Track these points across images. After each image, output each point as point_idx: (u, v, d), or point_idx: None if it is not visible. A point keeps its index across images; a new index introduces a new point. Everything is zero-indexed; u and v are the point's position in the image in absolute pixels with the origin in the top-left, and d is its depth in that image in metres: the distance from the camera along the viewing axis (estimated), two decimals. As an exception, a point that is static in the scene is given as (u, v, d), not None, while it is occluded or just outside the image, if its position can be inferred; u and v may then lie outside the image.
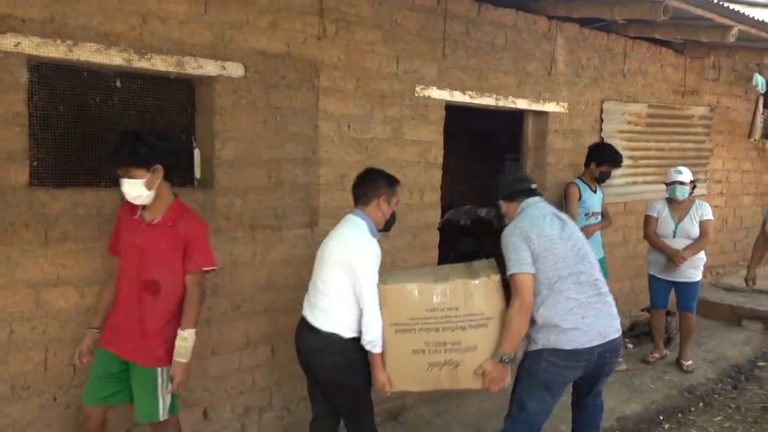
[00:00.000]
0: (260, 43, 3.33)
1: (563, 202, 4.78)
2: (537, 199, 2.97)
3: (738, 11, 4.25)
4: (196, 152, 3.33)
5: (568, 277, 2.71)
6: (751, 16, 4.40)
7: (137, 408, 2.69)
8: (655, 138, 5.81)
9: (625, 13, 4.25)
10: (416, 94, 4.03)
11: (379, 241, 2.84)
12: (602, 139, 5.30)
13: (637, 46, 5.50)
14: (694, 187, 4.74)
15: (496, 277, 2.76)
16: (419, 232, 4.20)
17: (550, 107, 4.87)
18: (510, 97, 4.58)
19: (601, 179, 4.84)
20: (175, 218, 2.65)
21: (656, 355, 5.04)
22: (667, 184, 4.74)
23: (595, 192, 4.86)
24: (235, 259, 3.36)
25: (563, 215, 2.94)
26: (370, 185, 2.91)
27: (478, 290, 2.73)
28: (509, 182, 3.08)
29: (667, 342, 5.28)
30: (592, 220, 4.88)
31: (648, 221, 4.86)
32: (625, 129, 5.51)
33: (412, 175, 4.09)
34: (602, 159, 4.86)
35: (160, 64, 2.99)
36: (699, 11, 4.16)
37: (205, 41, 3.14)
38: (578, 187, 4.77)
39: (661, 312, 5.05)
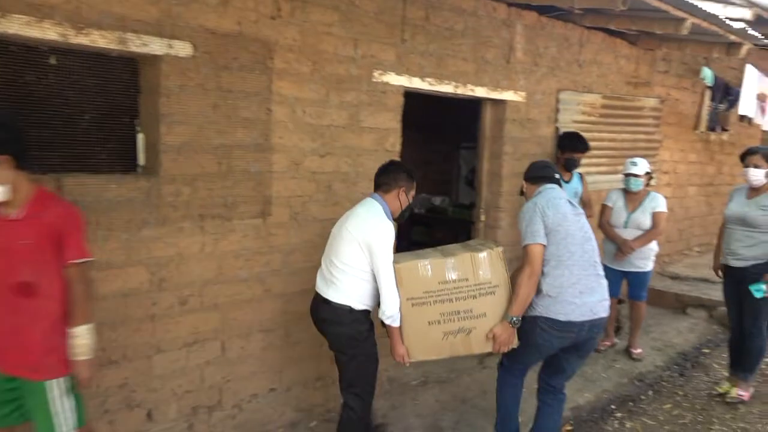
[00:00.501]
0: (210, 21, 3.13)
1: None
2: (555, 186, 3.21)
3: (692, 4, 4.28)
4: (140, 137, 3.12)
5: (574, 253, 2.97)
6: (703, 9, 4.44)
7: (35, 428, 2.41)
8: (608, 129, 5.85)
9: (585, 2, 4.22)
10: (374, 80, 3.90)
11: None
12: (557, 129, 5.31)
13: (592, 36, 5.51)
14: (651, 178, 4.80)
15: (500, 249, 3.03)
16: (376, 221, 4.08)
17: (508, 96, 4.82)
18: (469, 84, 4.50)
19: (567, 167, 4.86)
20: (39, 209, 2.31)
21: (607, 343, 5.12)
22: (623, 175, 4.78)
23: (567, 182, 4.87)
24: (182, 251, 3.17)
25: (575, 203, 3.23)
26: (393, 176, 3.10)
27: (485, 261, 2.99)
28: (537, 167, 3.34)
29: (617, 330, 5.37)
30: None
31: (603, 211, 4.90)
32: (579, 119, 5.53)
33: (370, 163, 3.96)
34: (564, 147, 4.93)
35: (99, 40, 2.76)
36: (655, 3, 4.17)
37: (150, 17, 2.92)
38: None
39: (612, 301, 5.11)
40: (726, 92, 6.75)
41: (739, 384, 4.18)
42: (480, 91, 4.60)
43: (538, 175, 3.27)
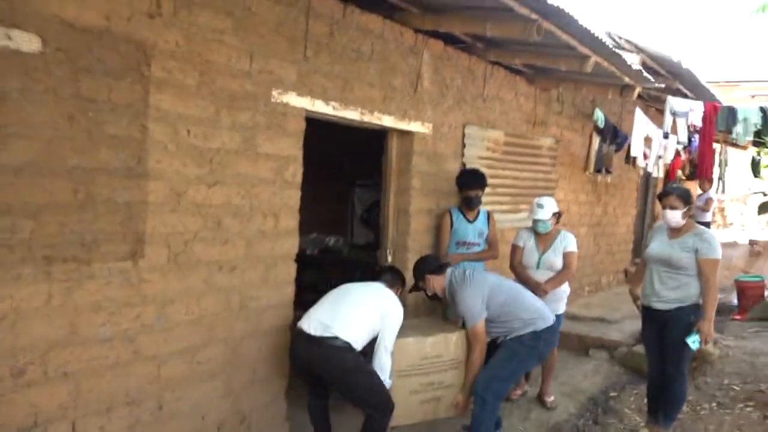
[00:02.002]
0: (68, 12, 2.47)
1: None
2: (456, 269, 3.91)
3: (599, 39, 4.22)
4: (-38, 153, 2.35)
5: (512, 287, 3.89)
6: (609, 46, 4.41)
7: None
8: (511, 167, 5.72)
9: (497, 30, 4.01)
10: (273, 99, 3.37)
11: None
12: (464, 164, 5.05)
13: (495, 71, 5.38)
14: (560, 216, 4.62)
15: (463, 331, 3.77)
16: (273, 264, 3.50)
17: (415, 127, 4.48)
18: (376, 112, 4.10)
19: (468, 205, 4.59)
20: None
21: (518, 392, 4.81)
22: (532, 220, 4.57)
23: (471, 221, 4.58)
24: (18, 305, 2.40)
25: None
26: (393, 277, 3.80)
27: (456, 341, 3.76)
28: (433, 258, 4.08)
29: (527, 376, 5.10)
30: (462, 250, 4.60)
31: (514, 251, 4.64)
32: (485, 155, 5.33)
33: (266, 195, 3.41)
34: (461, 185, 4.70)
35: None
36: (565, 37, 4.05)
37: (-21, -5, 2.22)
38: (450, 215, 4.48)
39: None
40: (615, 134, 6.94)
41: (660, 432, 4.00)
42: (387, 120, 4.22)
43: (440, 264, 3.88)
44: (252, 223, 3.35)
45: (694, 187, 10.43)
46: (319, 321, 3.28)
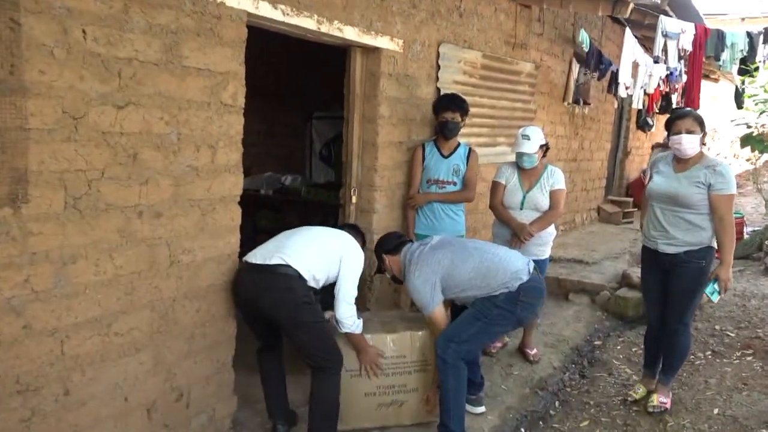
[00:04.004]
0: None
1: None
2: (413, 245, 3.26)
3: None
4: None
5: (478, 248, 3.16)
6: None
7: None
8: (489, 94, 5.07)
9: None
10: (203, -4, 2.60)
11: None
12: (439, 90, 4.38)
13: (473, -19, 4.64)
14: (547, 149, 4.03)
15: None
16: (211, 208, 2.82)
17: (383, 43, 3.76)
18: (335, 21, 3.35)
19: (443, 133, 3.98)
20: None
21: (498, 344, 4.34)
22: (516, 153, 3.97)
23: (446, 157, 3.97)
24: None
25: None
26: (354, 235, 3.16)
27: (422, 340, 3.16)
28: (393, 236, 3.38)
29: (506, 328, 4.64)
30: (434, 189, 3.99)
31: (495, 189, 4.04)
32: (460, 80, 4.65)
33: (198, 121, 2.68)
34: (436, 107, 4.07)
35: None
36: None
37: None
38: (423, 149, 3.88)
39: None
40: (599, 60, 6.32)
41: (659, 389, 3.58)
42: (350, 32, 3.48)
43: (397, 242, 3.27)
44: (180, 156, 2.63)
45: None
46: (265, 251, 2.89)
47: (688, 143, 3.24)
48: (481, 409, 3.41)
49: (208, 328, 2.89)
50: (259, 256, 2.85)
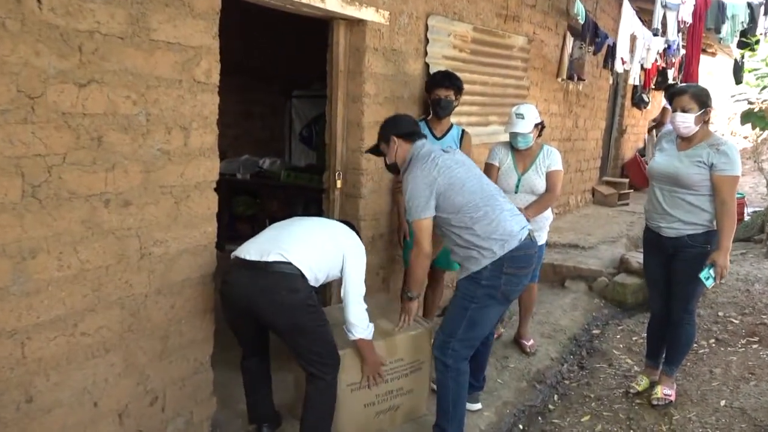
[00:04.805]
0: None
1: None
2: (428, 142, 2.93)
3: None
4: None
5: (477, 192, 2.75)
6: None
7: None
8: (480, 69, 4.83)
9: None
10: (167, -39, 2.36)
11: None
12: (427, 65, 4.16)
13: (464, -51, 4.39)
14: (542, 128, 3.84)
15: (430, 326, 3.12)
16: (184, 195, 2.59)
17: (368, 14, 3.51)
18: (316, -10, 3.12)
19: (436, 111, 3.76)
20: None
21: (494, 333, 4.18)
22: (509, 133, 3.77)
23: (438, 138, 3.76)
24: None
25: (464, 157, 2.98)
26: None
27: (417, 340, 3.02)
28: (410, 121, 3.05)
29: (500, 318, 4.47)
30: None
31: (488, 172, 3.79)
32: (450, 55, 4.41)
33: (169, 101, 2.44)
34: (429, 84, 3.86)
35: None
36: None
37: None
38: None
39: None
40: (595, 33, 6.10)
41: (663, 381, 3.41)
42: (332, 3, 3.23)
43: (413, 130, 2.93)
44: (150, 139, 2.40)
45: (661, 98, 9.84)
46: (260, 245, 2.59)
47: (682, 122, 3.06)
48: (477, 406, 3.24)
49: (184, 325, 2.67)
50: (253, 251, 2.56)
